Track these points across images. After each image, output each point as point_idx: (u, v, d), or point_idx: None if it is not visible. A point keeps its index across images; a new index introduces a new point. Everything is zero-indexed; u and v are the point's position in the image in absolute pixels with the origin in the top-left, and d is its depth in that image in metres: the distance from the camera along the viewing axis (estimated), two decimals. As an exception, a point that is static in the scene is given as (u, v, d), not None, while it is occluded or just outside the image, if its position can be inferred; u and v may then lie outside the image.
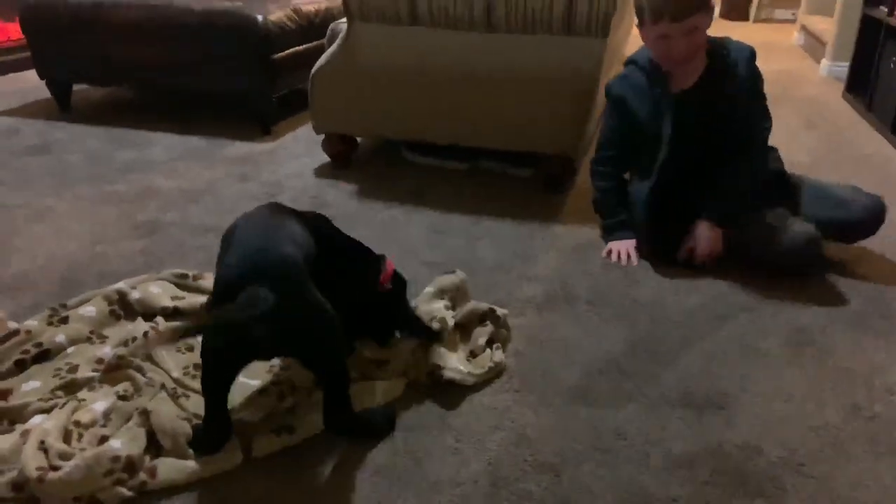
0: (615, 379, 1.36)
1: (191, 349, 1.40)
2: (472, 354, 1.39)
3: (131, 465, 1.09)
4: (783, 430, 1.23)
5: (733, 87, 1.79)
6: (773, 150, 1.94)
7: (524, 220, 2.04)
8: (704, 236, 1.77)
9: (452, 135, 2.27)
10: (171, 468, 1.10)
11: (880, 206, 1.76)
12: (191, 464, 1.11)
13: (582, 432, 1.22)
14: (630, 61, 1.88)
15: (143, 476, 1.09)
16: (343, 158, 2.47)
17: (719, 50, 1.81)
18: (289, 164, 2.47)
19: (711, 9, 1.76)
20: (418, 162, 2.51)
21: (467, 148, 2.34)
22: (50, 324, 1.42)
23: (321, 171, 2.42)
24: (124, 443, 1.11)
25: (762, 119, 1.85)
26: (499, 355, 1.38)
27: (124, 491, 1.07)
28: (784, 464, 1.15)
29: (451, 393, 1.30)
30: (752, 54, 1.82)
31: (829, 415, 1.27)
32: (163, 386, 1.25)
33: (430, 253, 1.85)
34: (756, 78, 1.83)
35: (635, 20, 1.83)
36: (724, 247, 1.79)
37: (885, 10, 3.15)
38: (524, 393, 1.31)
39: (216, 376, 1.11)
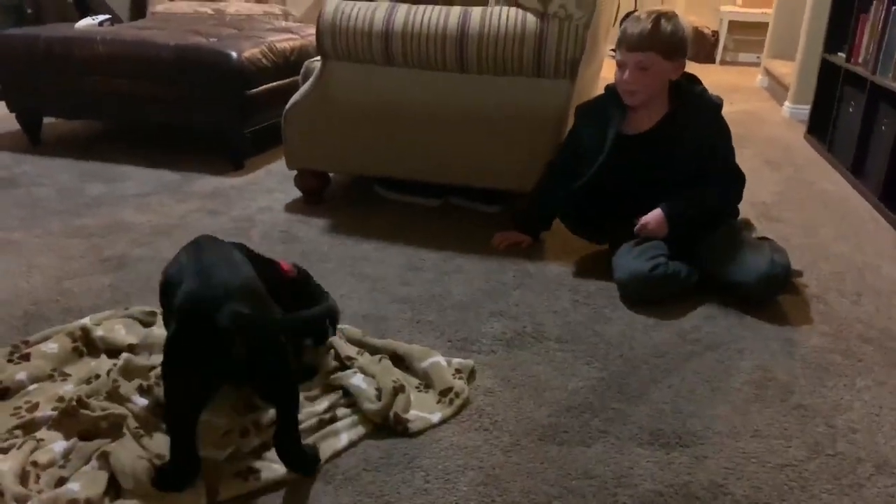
0: (584, 417, 1.36)
1: (157, 385, 1.37)
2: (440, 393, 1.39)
3: (90, 509, 1.06)
4: (749, 468, 1.24)
5: (691, 138, 1.87)
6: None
7: (495, 257, 2.06)
8: (656, 216, 1.89)
9: (424, 172, 2.29)
10: (131, 511, 1.08)
11: (773, 275, 1.77)
12: (153, 506, 1.09)
13: (551, 472, 1.22)
14: (607, 87, 1.98)
15: None
16: (315, 194, 2.47)
17: (685, 100, 1.89)
18: (261, 199, 2.47)
19: (675, 59, 1.84)
20: (390, 198, 2.52)
21: (439, 185, 2.37)
22: (10, 361, 1.39)
23: (293, 207, 2.42)
24: (83, 485, 1.08)
25: (729, 160, 1.93)
26: (460, 385, 1.39)
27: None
28: (750, 503, 1.16)
29: (419, 431, 1.30)
30: (714, 108, 1.90)
31: (794, 453, 1.29)
32: (125, 425, 1.22)
33: (402, 289, 1.85)
34: (720, 132, 1.91)
35: (607, 58, 1.92)
36: (662, 234, 1.89)
37: (843, 56, 3.28)
38: (493, 432, 1.31)
39: (185, 402, 1.09)
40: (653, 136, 1.90)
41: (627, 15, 1.89)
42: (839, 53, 3.36)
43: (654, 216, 1.89)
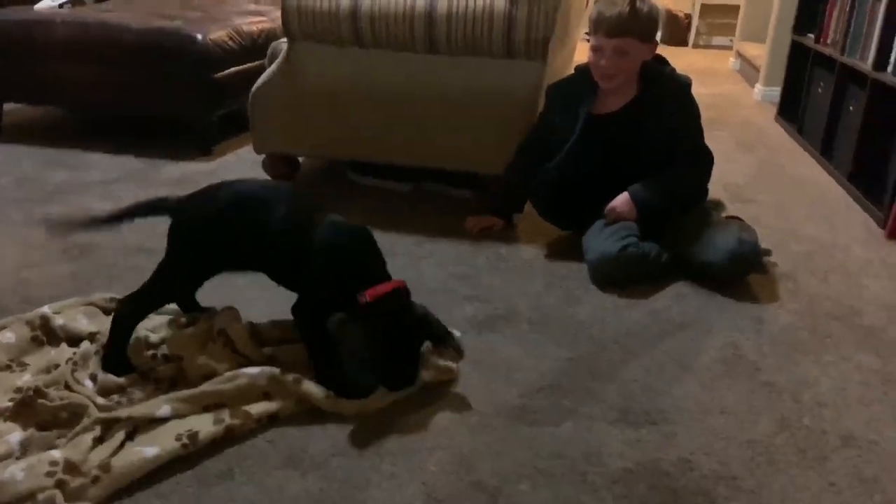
0: (554, 397, 1.36)
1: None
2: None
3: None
4: (717, 444, 1.25)
5: (660, 118, 1.87)
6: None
7: (467, 241, 2.05)
8: (623, 199, 1.88)
9: (395, 154, 2.27)
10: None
11: (741, 254, 1.77)
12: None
13: (521, 452, 1.21)
14: (577, 68, 1.98)
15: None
16: (285, 179, 2.44)
17: (654, 80, 1.88)
18: (230, 185, 2.43)
19: (650, 41, 1.85)
20: (362, 183, 2.50)
21: (411, 169, 2.34)
22: (-35, 352, 1.35)
23: (263, 192, 2.37)
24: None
25: (698, 139, 1.92)
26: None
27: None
28: (717, 477, 1.17)
29: (388, 413, 1.29)
30: (685, 87, 1.89)
31: (761, 428, 1.29)
32: (86, 414, 1.19)
33: (371, 274, 1.82)
34: (688, 112, 1.91)
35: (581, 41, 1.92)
36: (632, 218, 1.88)
37: (813, 37, 3.30)
38: (463, 413, 1.30)
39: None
40: (623, 116, 1.90)
41: None
42: (809, 35, 3.38)
43: (622, 199, 1.89)
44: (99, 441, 1.15)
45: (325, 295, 1.32)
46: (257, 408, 1.25)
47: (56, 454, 1.09)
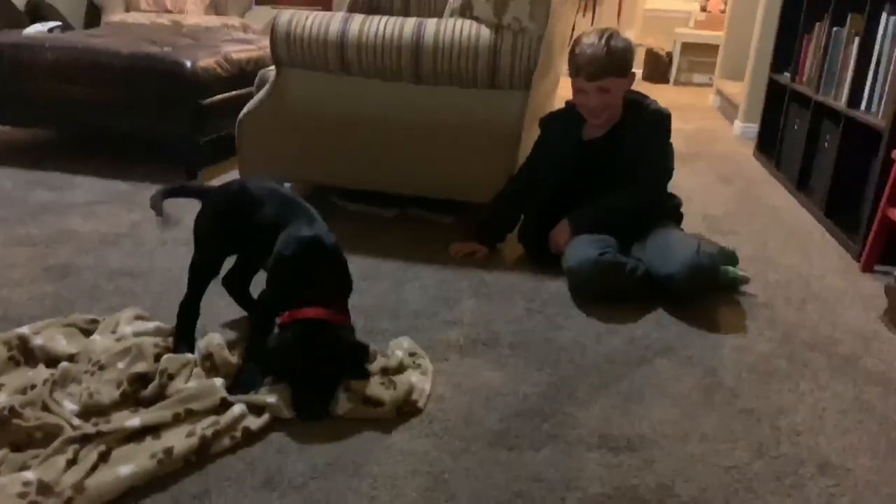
0: (535, 422, 1.36)
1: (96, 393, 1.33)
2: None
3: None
4: (696, 470, 1.26)
5: (631, 143, 1.97)
6: (674, 196, 2.11)
7: (450, 266, 2.06)
8: (560, 227, 2.00)
9: (380, 182, 2.29)
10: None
11: (699, 264, 1.80)
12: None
13: (500, 476, 1.21)
14: (568, 102, 2.08)
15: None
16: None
17: (636, 108, 1.98)
18: (214, 209, 2.43)
19: (629, 75, 1.96)
20: (347, 208, 2.51)
21: (395, 195, 2.36)
22: (-60, 371, 1.33)
23: (248, 217, 2.38)
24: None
25: (652, 170, 2.01)
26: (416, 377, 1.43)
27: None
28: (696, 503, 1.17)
29: (369, 438, 1.28)
30: (661, 117, 2.00)
31: (739, 455, 1.30)
32: (61, 435, 1.18)
33: (357, 298, 1.81)
34: (656, 137, 2.00)
35: (565, 71, 2.01)
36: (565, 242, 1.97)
37: (789, 75, 3.39)
38: (444, 437, 1.30)
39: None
40: (607, 139, 2.00)
41: (578, 38, 1.95)
42: (785, 73, 3.48)
43: (559, 227, 1.99)
44: (72, 462, 1.13)
45: (268, 297, 1.45)
46: (226, 417, 1.25)
47: (29, 475, 1.08)
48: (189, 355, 1.40)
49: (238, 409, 1.28)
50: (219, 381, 1.33)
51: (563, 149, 2.02)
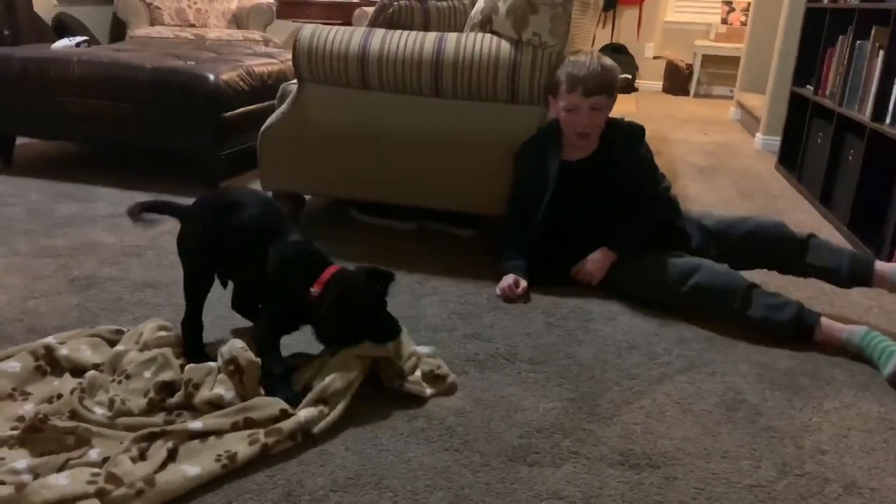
0: (555, 438, 1.35)
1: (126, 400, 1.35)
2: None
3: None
4: (718, 488, 1.24)
5: (622, 159, 2.00)
6: (675, 202, 2.12)
7: (469, 280, 2.06)
8: (594, 259, 1.99)
9: (400, 195, 2.30)
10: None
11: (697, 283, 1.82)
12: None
13: (521, 492, 1.20)
14: (539, 128, 2.09)
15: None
16: (291, 216, 2.46)
17: (612, 129, 2.03)
18: (236, 221, 2.45)
19: (615, 96, 2.01)
20: (366, 221, 2.52)
21: (414, 208, 2.37)
22: (-31, 380, 1.35)
23: (268, 229, 2.40)
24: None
25: (656, 181, 2.05)
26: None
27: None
28: (719, 522, 1.16)
29: (389, 451, 1.28)
30: (640, 128, 2.06)
31: (763, 473, 1.29)
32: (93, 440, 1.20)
33: (374, 311, 1.83)
34: (645, 145, 2.06)
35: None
36: (601, 276, 1.99)
37: (812, 88, 3.37)
38: (464, 452, 1.30)
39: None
40: (593, 161, 2.03)
41: (566, 60, 2.00)
42: (808, 86, 3.45)
43: (595, 258, 1.99)
44: (140, 458, 1.17)
45: (273, 307, 1.50)
46: (287, 424, 1.28)
47: (95, 468, 1.13)
48: (210, 364, 1.41)
49: (304, 414, 1.30)
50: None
51: (543, 175, 2.01)
